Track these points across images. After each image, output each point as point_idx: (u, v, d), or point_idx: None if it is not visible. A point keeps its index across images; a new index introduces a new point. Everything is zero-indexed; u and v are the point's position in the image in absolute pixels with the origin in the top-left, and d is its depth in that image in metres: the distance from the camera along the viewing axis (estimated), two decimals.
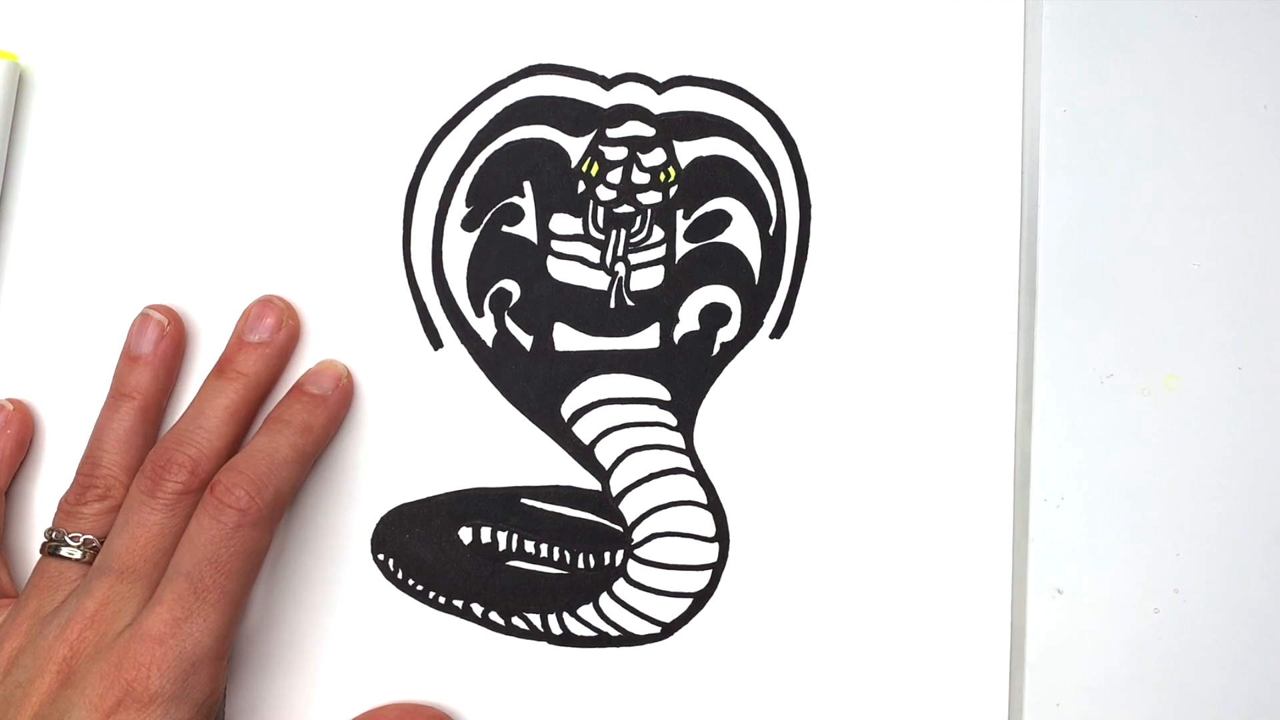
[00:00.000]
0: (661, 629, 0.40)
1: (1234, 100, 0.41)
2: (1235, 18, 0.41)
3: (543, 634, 0.40)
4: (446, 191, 0.40)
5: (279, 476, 0.36)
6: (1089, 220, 0.41)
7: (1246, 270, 0.40)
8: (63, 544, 0.37)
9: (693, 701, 0.40)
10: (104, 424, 0.39)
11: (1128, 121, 0.41)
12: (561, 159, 0.40)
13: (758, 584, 0.40)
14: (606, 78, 0.40)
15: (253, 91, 0.40)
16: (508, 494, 0.40)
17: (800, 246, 0.40)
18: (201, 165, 0.40)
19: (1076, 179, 0.41)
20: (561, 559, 0.40)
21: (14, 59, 0.40)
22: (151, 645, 0.34)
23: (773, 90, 0.40)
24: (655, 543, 0.40)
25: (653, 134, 0.40)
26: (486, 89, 0.40)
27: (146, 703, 0.34)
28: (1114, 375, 0.40)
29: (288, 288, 0.40)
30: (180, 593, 0.35)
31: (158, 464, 0.37)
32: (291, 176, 0.40)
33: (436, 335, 0.40)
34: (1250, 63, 0.41)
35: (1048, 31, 0.41)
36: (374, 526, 0.40)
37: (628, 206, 0.40)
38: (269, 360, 0.39)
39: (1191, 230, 0.40)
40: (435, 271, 0.40)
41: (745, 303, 0.40)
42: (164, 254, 0.40)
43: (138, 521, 0.36)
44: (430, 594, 0.40)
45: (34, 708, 0.34)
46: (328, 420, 0.39)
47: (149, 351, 0.39)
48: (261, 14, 0.41)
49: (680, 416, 0.40)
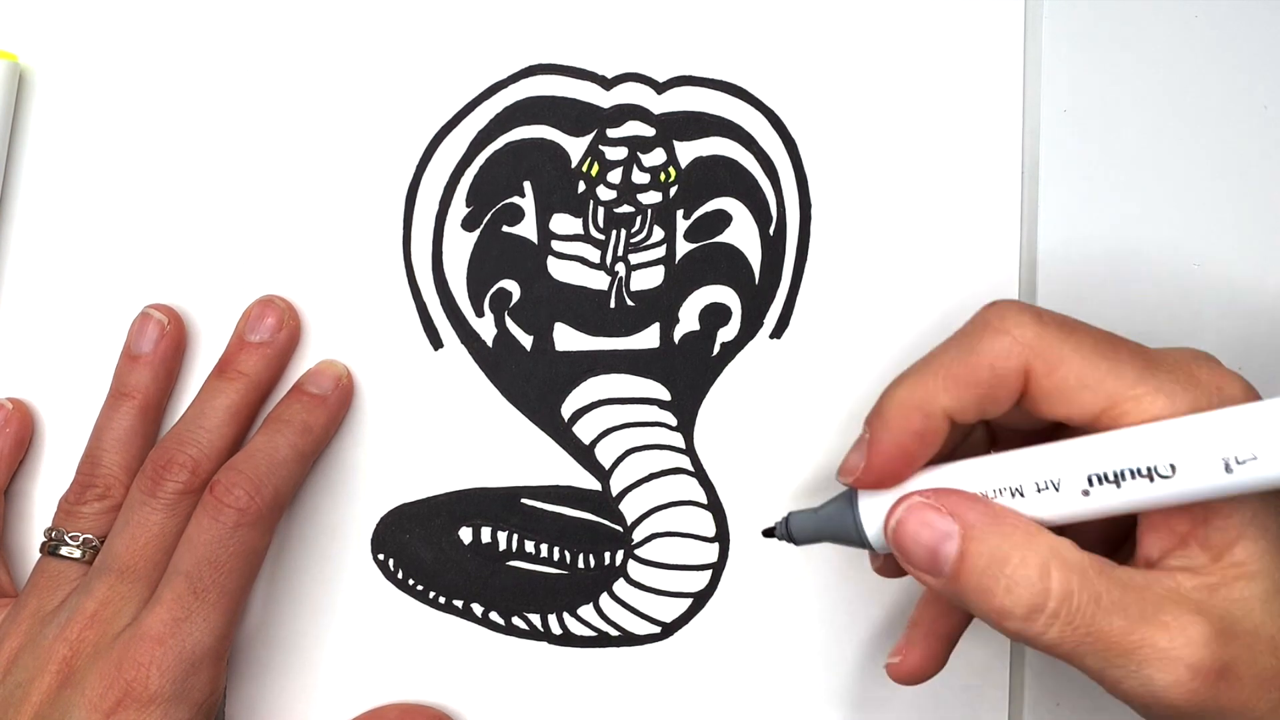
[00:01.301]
0: (661, 629, 0.40)
1: (1234, 100, 0.41)
2: (1235, 18, 0.41)
3: (543, 634, 0.40)
4: (446, 191, 0.40)
5: (278, 476, 0.36)
6: (1089, 220, 0.41)
7: (1246, 270, 0.40)
8: (62, 543, 0.37)
9: (693, 701, 0.40)
10: (104, 423, 0.39)
11: (1128, 121, 0.41)
12: (561, 159, 0.40)
13: (758, 584, 0.40)
14: (606, 78, 0.40)
15: (253, 91, 0.40)
16: (508, 494, 0.40)
17: (800, 246, 0.40)
18: (201, 165, 0.40)
19: (1076, 179, 0.41)
20: (561, 559, 0.40)
21: (14, 59, 0.40)
22: (151, 645, 0.34)
23: (773, 90, 0.40)
24: (655, 543, 0.40)
25: (653, 134, 0.40)
26: (486, 89, 0.40)
27: (146, 702, 0.34)
28: None
29: (288, 288, 0.40)
30: (180, 593, 0.35)
31: (158, 464, 0.37)
32: (292, 176, 0.40)
33: (436, 335, 0.40)
34: (1250, 63, 0.41)
35: (1048, 31, 0.41)
36: (374, 526, 0.40)
37: (628, 206, 0.40)
38: (270, 360, 0.39)
39: (1191, 230, 0.40)
40: (435, 271, 0.40)
41: (745, 303, 0.40)
42: (164, 254, 0.40)
43: (138, 521, 0.36)
44: (430, 594, 0.40)
45: (34, 707, 0.34)
46: (327, 420, 0.39)
47: (149, 351, 0.39)
48: (261, 14, 0.41)
49: (680, 416, 0.40)
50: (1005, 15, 0.40)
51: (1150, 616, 0.27)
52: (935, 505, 0.29)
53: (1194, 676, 0.26)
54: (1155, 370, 0.28)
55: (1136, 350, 0.29)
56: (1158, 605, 0.27)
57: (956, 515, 0.29)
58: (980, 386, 0.29)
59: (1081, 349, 0.28)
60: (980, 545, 0.28)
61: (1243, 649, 0.27)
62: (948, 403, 0.29)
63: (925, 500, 0.29)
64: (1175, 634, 0.26)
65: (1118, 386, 0.28)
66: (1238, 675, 0.27)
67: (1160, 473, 0.26)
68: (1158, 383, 0.27)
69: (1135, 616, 0.27)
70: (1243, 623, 0.27)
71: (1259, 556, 0.27)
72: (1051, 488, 0.27)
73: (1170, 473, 0.26)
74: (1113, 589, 0.27)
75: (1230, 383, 0.28)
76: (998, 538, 0.28)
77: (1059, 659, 0.28)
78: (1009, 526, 0.28)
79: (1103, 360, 0.28)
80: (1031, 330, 0.29)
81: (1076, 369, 0.28)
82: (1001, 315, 0.30)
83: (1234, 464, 0.25)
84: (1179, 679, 0.26)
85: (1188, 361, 0.29)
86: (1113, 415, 0.28)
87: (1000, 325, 0.29)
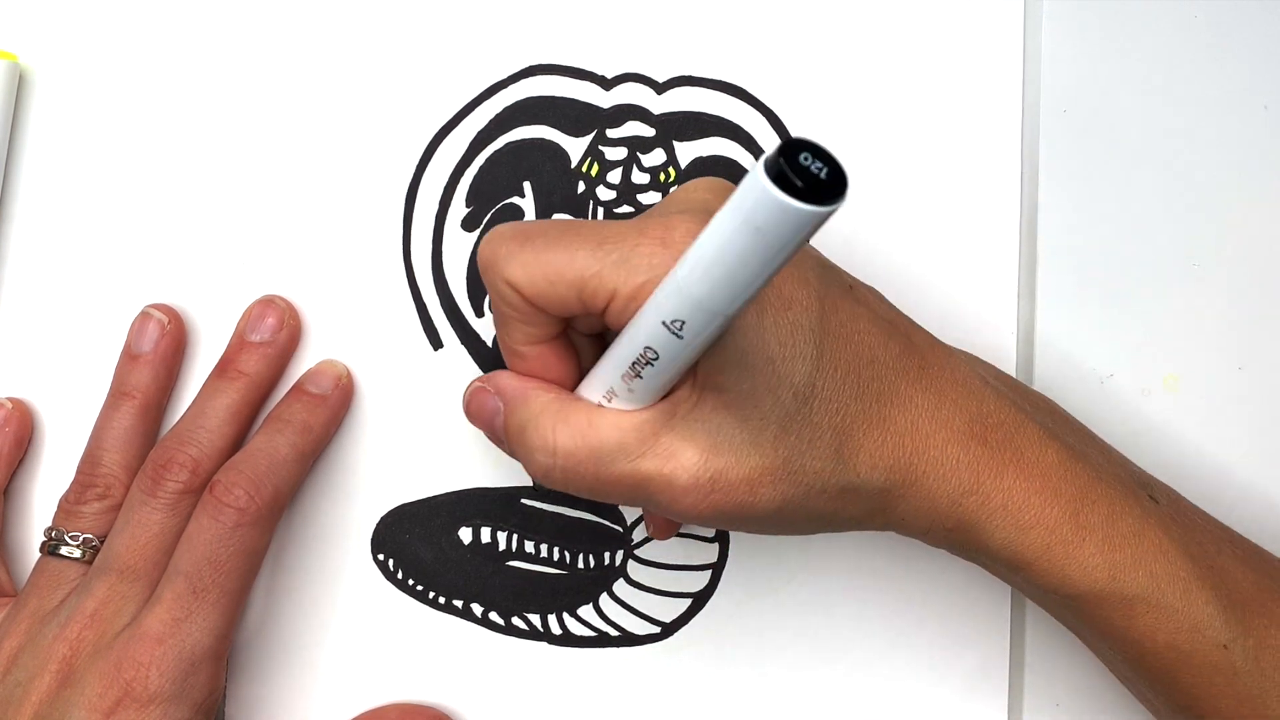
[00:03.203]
0: (661, 629, 0.40)
1: (1234, 100, 0.41)
2: (1235, 18, 0.41)
3: (543, 634, 0.40)
4: (446, 192, 0.40)
5: (278, 476, 0.36)
6: (1089, 220, 0.41)
7: (1246, 270, 0.40)
8: (62, 543, 0.37)
9: (693, 701, 0.40)
10: (104, 423, 0.39)
11: (1128, 121, 0.41)
12: (561, 159, 0.40)
13: (758, 584, 0.40)
14: (606, 78, 0.40)
15: (253, 91, 0.40)
16: (508, 494, 0.40)
17: None
18: (201, 165, 0.40)
19: (1076, 179, 0.41)
20: (561, 559, 0.40)
21: (14, 59, 0.40)
22: (151, 645, 0.34)
23: (773, 90, 0.40)
24: (655, 543, 0.40)
25: (653, 134, 0.40)
26: (486, 89, 0.40)
27: (146, 702, 0.34)
28: (1114, 375, 0.40)
29: (288, 288, 0.40)
30: (179, 592, 0.35)
31: (159, 463, 0.37)
32: (292, 177, 0.40)
33: (436, 335, 0.40)
34: (1250, 63, 0.41)
35: (1048, 31, 0.41)
36: (374, 526, 0.40)
37: (628, 207, 0.40)
38: (270, 360, 0.39)
39: (1191, 230, 0.40)
40: (435, 272, 0.40)
41: None
42: (164, 254, 0.40)
43: (138, 521, 0.36)
44: (430, 594, 0.40)
45: (33, 707, 0.34)
46: (327, 420, 0.39)
47: (149, 350, 0.39)
48: (261, 14, 0.41)
49: None
50: (1005, 15, 0.40)
51: (644, 452, 0.31)
52: (485, 386, 0.34)
53: (691, 491, 0.31)
54: (604, 244, 0.30)
55: (591, 230, 0.31)
56: (654, 439, 0.31)
57: (500, 393, 0.33)
58: (509, 316, 0.32)
59: (537, 251, 0.31)
60: (511, 417, 0.33)
61: (723, 466, 0.31)
62: (509, 339, 0.33)
63: (480, 383, 0.34)
64: (667, 460, 0.31)
65: (578, 273, 0.30)
66: (729, 482, 0.31)
67: (649, 357, 0.29)
68: (609, 255, 0.30)
69: (635, 455, 0.31)
70: (721, 445, 0.31)
71: (734, 382, 0.31)
72: (613, 394, 0.31)
73: (655, 355, 0.29)
74: (611, 434, 0.31)
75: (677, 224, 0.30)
76: (524, 410, 0.32)
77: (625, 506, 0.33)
78: (533, 397, 0.33)
79: (554, 254, 0.31)
80: (499, 250, 0.31)
81: (540, 271, 0.31)
82: (481, 248, 0.32)
83: (674, 329, 0.28)
84: (680, 499, 0.31)
85: (646, 219, 0.31)
86: (589, 298, 0.30)
87: (482, 260, 0.32)
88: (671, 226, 0.30)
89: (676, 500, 0.31)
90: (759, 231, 0.25)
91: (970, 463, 0.32)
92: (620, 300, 0.30)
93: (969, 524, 0.33)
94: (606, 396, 0.32)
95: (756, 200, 0.24)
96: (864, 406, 0.32)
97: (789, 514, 0.32)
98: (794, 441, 0.31)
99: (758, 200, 0.24)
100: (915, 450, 0.32)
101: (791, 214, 0.24)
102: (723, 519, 0.32)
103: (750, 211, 0.24)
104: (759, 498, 0.31)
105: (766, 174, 0.23)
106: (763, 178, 0.23)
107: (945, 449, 0.33)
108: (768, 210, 0.24)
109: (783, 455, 0.31)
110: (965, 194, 0.40)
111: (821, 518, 0.33)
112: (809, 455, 0.31)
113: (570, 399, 0.33)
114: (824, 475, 0.32)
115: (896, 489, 0.32)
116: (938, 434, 0.33)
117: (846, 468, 0.32)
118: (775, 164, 0.23)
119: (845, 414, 0.32)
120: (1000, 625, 0.40)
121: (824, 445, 0.31)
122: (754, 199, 0.24)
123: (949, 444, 0.33)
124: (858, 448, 0.32)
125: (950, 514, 0.33)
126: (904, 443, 0.32)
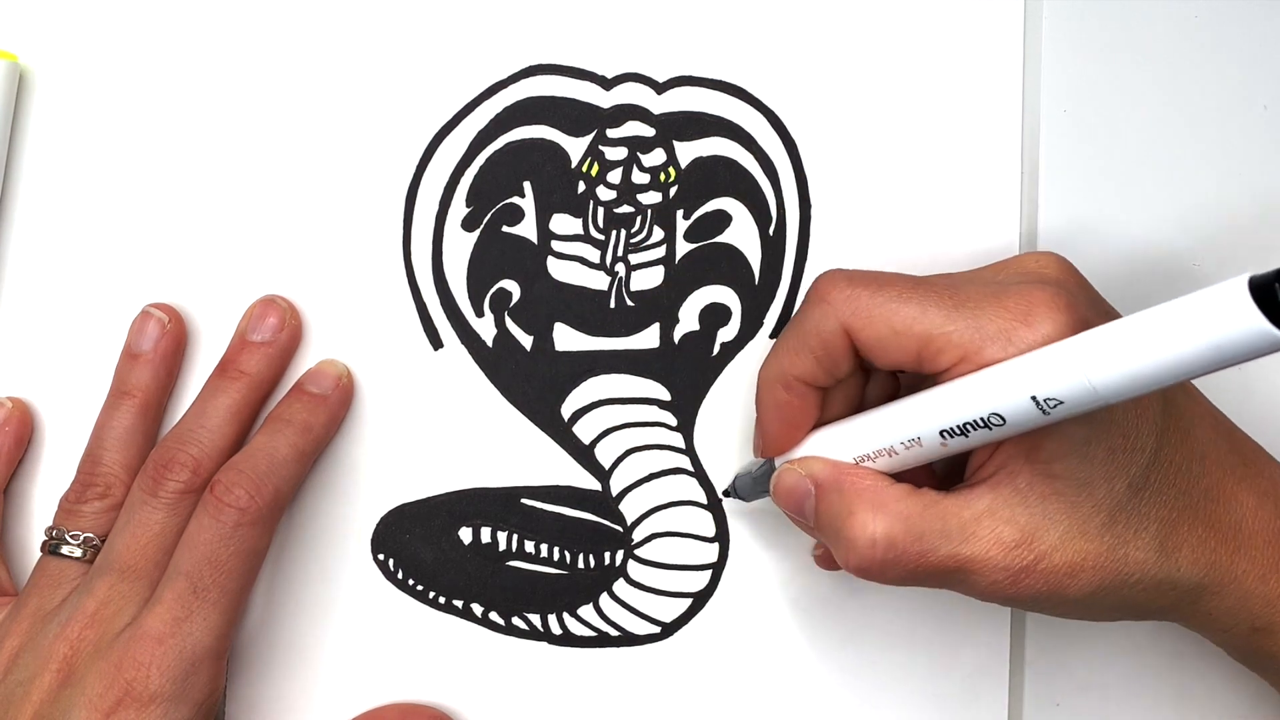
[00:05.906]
0: (661, 629, 0.40)
1: (1234, 100, 0.41)
2: (1235, 18, 0.41)
3: (543, 634, 0.40)
4: (446, 191, 0.40)
5: (278, 475, 0.36)
6: (1089, 220, 0.41)
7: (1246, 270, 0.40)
8: (63, 542, 0.37)
9: (693, 701, 0.40)
10: (104, 422, 0.39)
11: (1128, 121, 0.41)
12: (561, 159, 0.40)
13: (758, 584, 0.40)
14: (606, 78, 0.40)
15: (253, 91, 0.40)
16: (508, 494, 0.40)
17: (800, 246, 0.40)
18: (202, 165, 0.40)
19: (1076, 179, 0.41)
20: (561, 559, 0.40)
21: (14, 59, 0.40)
22: (151, 644, 0.34)
23: (773, 90, 0.40)
24: (655, 543, 0.40)
25: (653, 134, 0.40)
26: (486, 89, 0.40)
27: (146, 702, 0.34)
28: None
29: (288, 287, 0.40)
30: (180, 592, 0.35)
31: (159, 463, 0.37)
32: (292, 177, 0.40)
33: (436, 335, 0.40)
34: (1250, 63, 0.41)
35: (1048, 31, 0.41)
36: (374, 526, 0.40)
37: (628, 206, 0.40)
38: (271, 360, 0.39)
39: (1191, 230, 0.40)
40: (435, 271, 0.40)
41: (745, 303, 0.40)
42: (164, 254, 0.40)
43: (139, 521, 0.36)
44: (430, 594, 0.40)
45: (34, 706, 0.34)
46: (328, 420, 0.39)
47: (149, 349, 0.39)
48: (261, 14, 0.41)
49: (680, 416, 0.40)
50: (1005, 15, 0.40)
51: (968, 536, 0.31)
52: (796, 470, 0.34)
53: (1002, 571, 0.31)
54: (960, 307, 0.30)
55: (944, 290, 0.31)
56: (976, 523, 0.31)
57: (812, 477, 0.33)
58: (815, 351, 0.33)
59: (889, 301, 0.31)
60: (824, 504, 0.33)
61: (1046, 549, 0.31)
62: (797, 372, 0.33)
63: (791, 466, 0.34)
64: (986, 544, 0.31)
65: (926, 329, 0.30)
66: (1049, 567, 0.31)
67: (994, 422, 0.29)
68: (963, 319, 0.30)
69: (957, 540, 0.31)
70: (1047, 528, 0.31)
71: (1071, 470, 0.31)
72: (916, 444, 0.31)
73: (1001, 422, 0.29)
74: (934, 521, 0.31)
75: (1038, 300, 0.30)
76: (838, 496, 0.32)
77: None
78: (849, 484, 0.32)
79: (906, 307, 0.31)
80: (844, 292, 0.32)
81: (885, 320, 0.31)
82: (819, 284, 0.33)
83: (1046, 406, 0.28)
84: (994, 581, 0.31)
85: (1001, 288, 0.31)
86: (931, 355, 0.31)
87: (818, 294, 0.33)
88: (1033, 302, 0.30)
89: (983, 577, 0.31)
90: (1219, 349, 0.24)
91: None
92: (968, 364, 0.30)
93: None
94: (874, 455, 0.32)
95: (1234, 321, 0.23)
96: (1191, 501, 0.32)
97: (1099, 601, 0.32)
98: (1120, 531, 0.31)
99: (1236, 321, 0.23)
100: (1238, 549, 0.32)
101: (1267, 341, 0.23)
102: (1025, 600, 0.32)
103: (1218, 327, 0.24)
104: (1075, 584, 0.31)
105: (1254, 298, 0.23)
106: (1248, 302, 0.23)
107: (1266, 550, 0.33)
108: (1243, 333, 0.23)
109: (1108, 543, 0.31)
110: (965, 194, 0.40)
111: (1129, 607, 0.33)
112: (1133, 545, 0.31)
113: (885, 485, 0.32)
114: (1145, 566, 0.31)
115: (1213, 586, 0.32)
116: (1260, 534, 0.33)
117: (1169, 561, 0.32)
118: (1268, 288, 0.23)
119: (1173, 507, 0.32)
120: (1000, 625, 0.40)
121: (1149, 537, 0.31)
122: (1231, 319, 0.23)
123: (1270, 545, 0.33)
124: (1181, 542, 0.32)
125: (1262, 614, 0.33)
126: (1227, 540, 0.32)
